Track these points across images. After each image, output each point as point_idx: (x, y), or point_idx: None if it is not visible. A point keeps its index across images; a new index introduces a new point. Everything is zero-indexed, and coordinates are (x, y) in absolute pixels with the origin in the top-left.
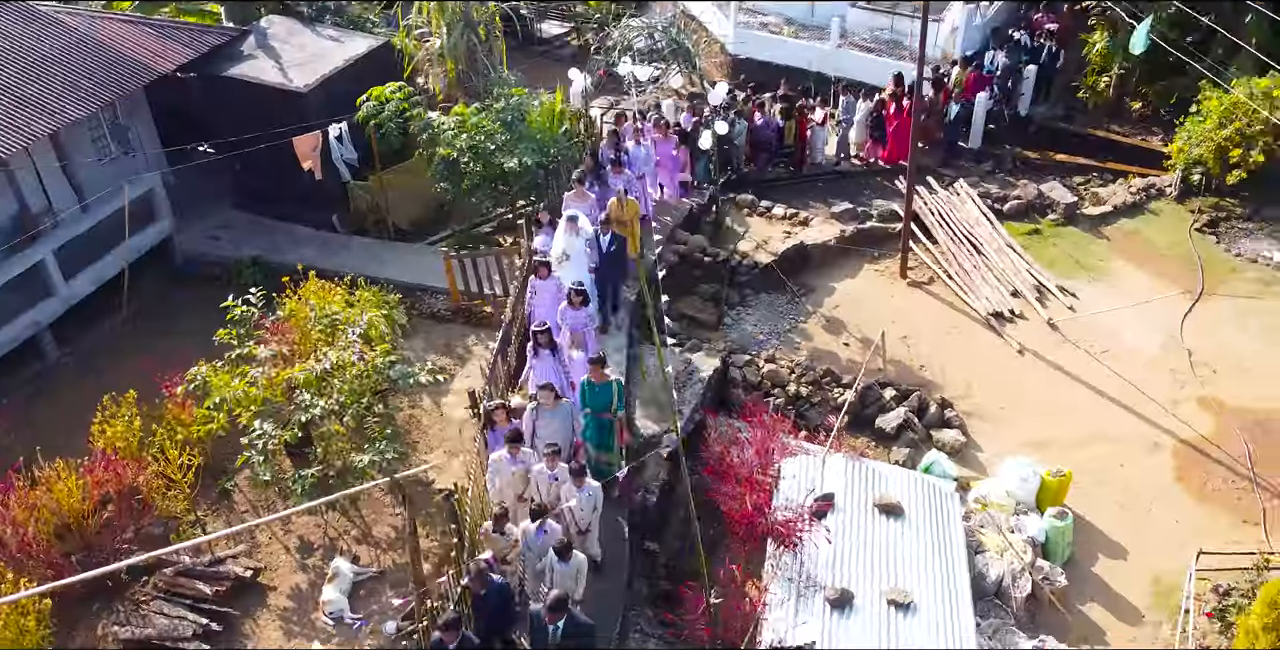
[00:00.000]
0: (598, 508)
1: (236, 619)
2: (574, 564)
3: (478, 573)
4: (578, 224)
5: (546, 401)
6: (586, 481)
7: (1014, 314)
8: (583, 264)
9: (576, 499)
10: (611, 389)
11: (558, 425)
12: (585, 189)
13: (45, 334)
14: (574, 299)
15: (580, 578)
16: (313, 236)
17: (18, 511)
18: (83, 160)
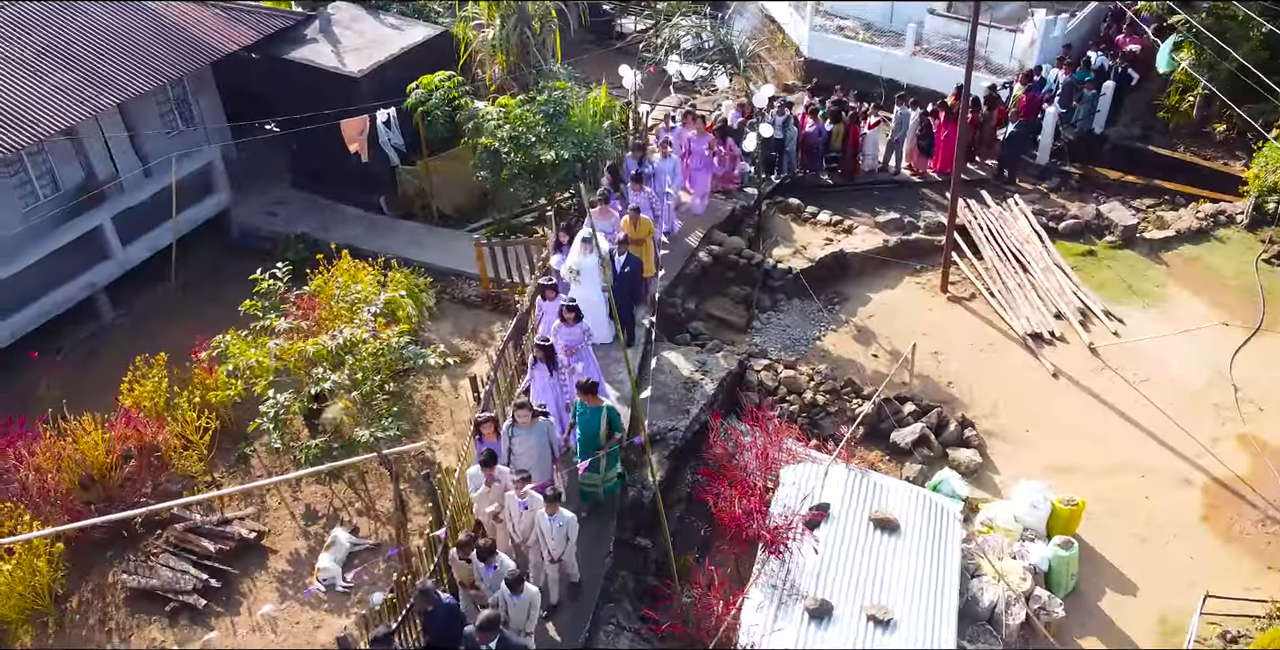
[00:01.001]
0: (570, 538)
1: (235, 578)
2: (526, 597)
3: (421, 592)
4: (592, 244)
5: (523, 420)
6: (559, 511)
7: (1054, 336)
8: (595, 282)
9: (548, 529)
10: (601, 414)
11: (533, 443)
12: (609, 207)
13: (101, 296)
14: (565, 316)
15: (533, 610)
16: (361, 217)
17: (42, 459)
18: (149, 132)
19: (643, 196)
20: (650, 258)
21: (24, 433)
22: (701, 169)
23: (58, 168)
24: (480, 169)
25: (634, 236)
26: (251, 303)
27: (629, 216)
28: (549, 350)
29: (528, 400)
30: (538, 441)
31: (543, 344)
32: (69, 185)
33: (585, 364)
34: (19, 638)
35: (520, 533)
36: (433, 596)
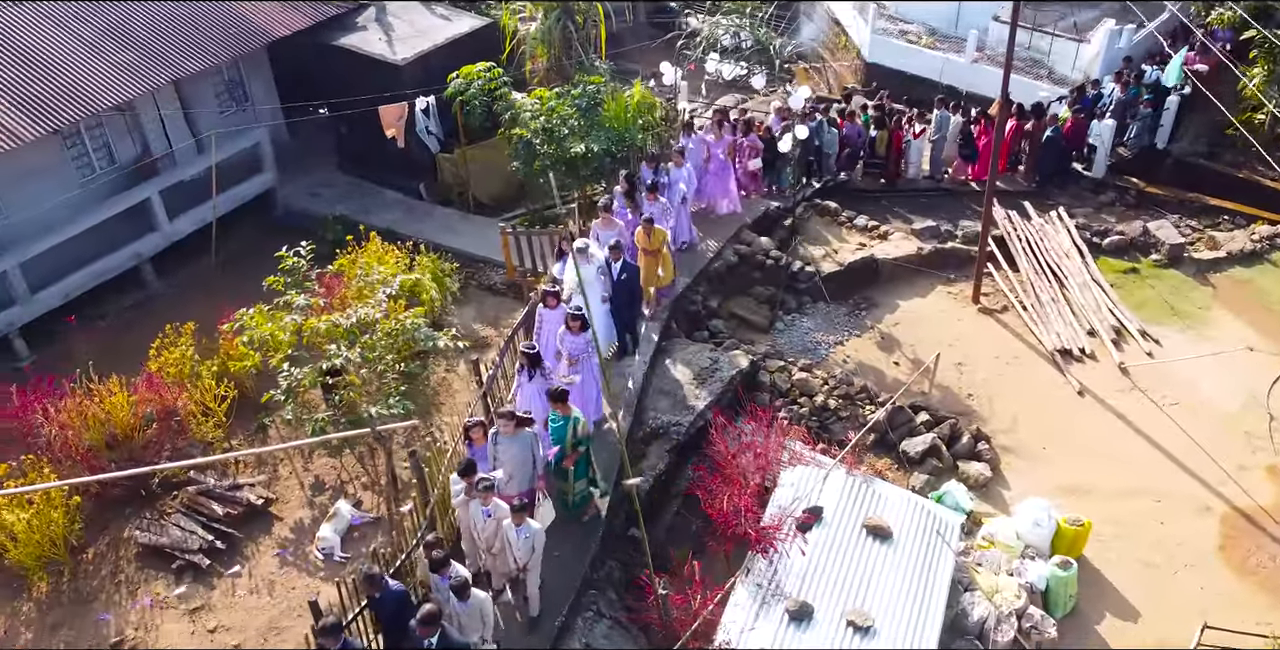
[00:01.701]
0: (535, 549)
1: (240, 541)
2: (474, 604)
3: (367, 577)
4: (588, 253)
5: (506, 429)
6: (526, 522)
7: (1084, 353)
8: (596, 292)
9: (514, 539)
10: (569, 423)
11: (515, 452)
12: (613, 216)
13: (147, 266)
14: (571, 324)
15: (485, 617)
16: (401, 202)
17: (67, 417)
18: (203, 111)
19: (657, 206)
20: (669, 267)
21: (52, 391)
22: (721, 172)
23: (114, 142)
24: (514, 159)
25: (648, 247)
26: (275, 278)
27: (642, 227)
28: (535, 357)
29: (511, 409)
30: (520, 451)
31: (528, 352)
32: (124, 159)
33: (583, 375)
34: (35, 584)
35: (485, 541)
36: (379, 582)
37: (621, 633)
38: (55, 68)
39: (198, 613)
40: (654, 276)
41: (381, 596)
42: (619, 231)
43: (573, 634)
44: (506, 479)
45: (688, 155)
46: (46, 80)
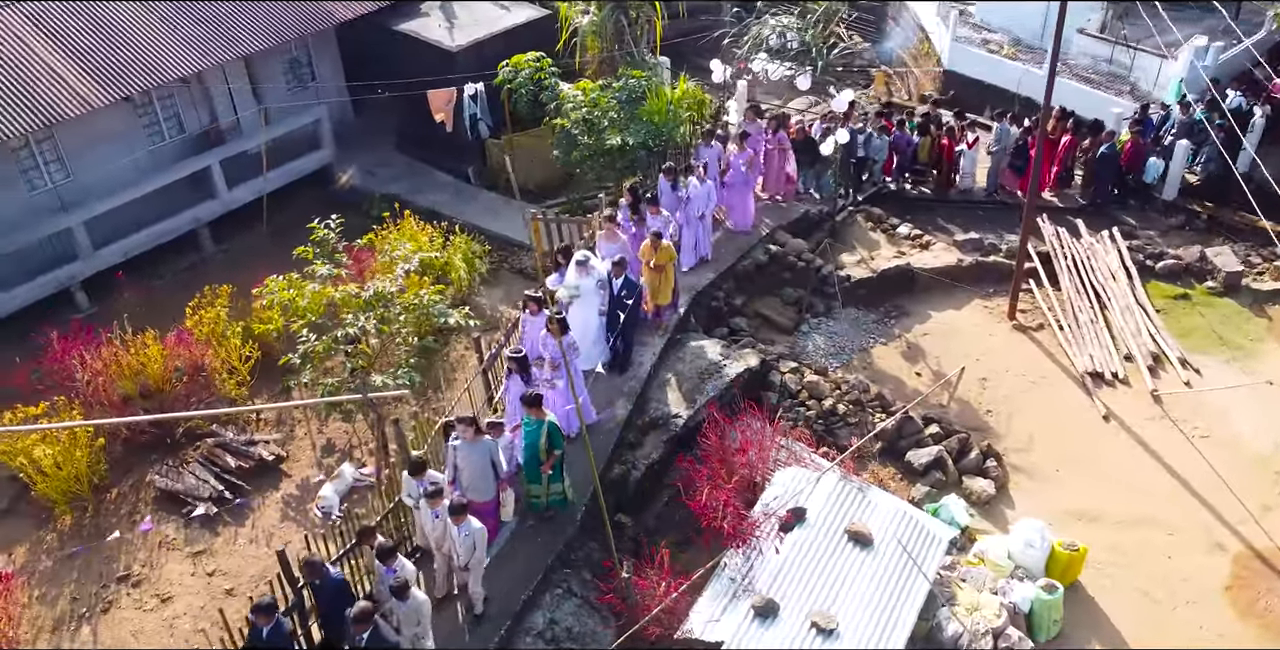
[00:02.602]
0: (477, 547)
1: (248, 493)
2: (411, 604)
3: (308, 563)
4: (588, 266)
5: (465, 435)
6: (465, 520)
7: (1116, 377)
8: (593, 304)
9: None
10: (542, 428)
11: (475, 460)
12: (616, 229)
13: (204, 230)
14: (550, 327)
15: (423, 618)
16: (449, 184)
17: (101, 365)
18: (271, 87)
19: (660, 220)
20: (669, 284)
21: (91, 340)
22: (738, 185)
23: (183, 112)
24: (555, 148)
25: (655, 262)
26: (304, 248)
27: (649, 241)
28: (522, 361)
29: (472, 415)
30: (479, 458)
31: (515, 356)
32: (193, 129)
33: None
34: (60, 517)
35: (434, 540)
36: (319, 570)
37: (589, 612)
38: (129, 39)
39: (199, 556)
40: (656, 293)
41: (321, 584)
42: (622, 245)
43: (539, 609)
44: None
45: (707, 168)
46: (120, 50)
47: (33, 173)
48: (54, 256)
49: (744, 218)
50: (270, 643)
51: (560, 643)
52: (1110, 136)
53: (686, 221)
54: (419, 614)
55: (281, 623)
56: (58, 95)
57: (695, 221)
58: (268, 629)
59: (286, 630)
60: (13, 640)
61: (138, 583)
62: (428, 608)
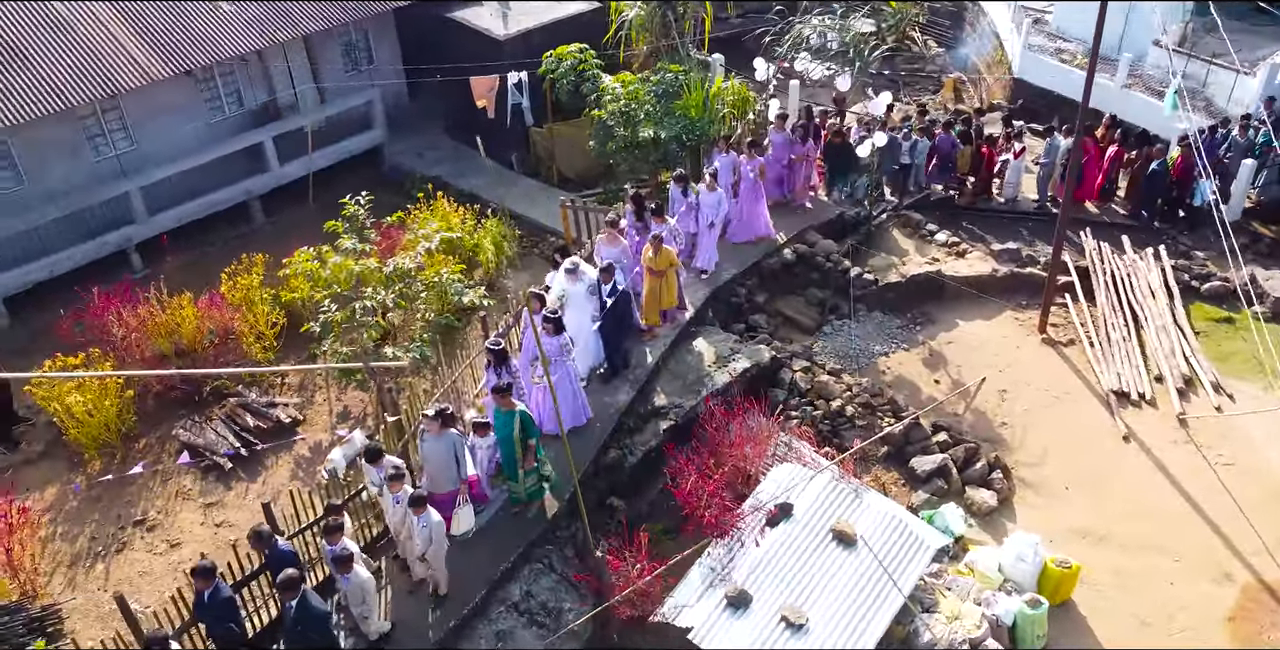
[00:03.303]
0: (434, 539)
1: (262, 452)
2: (354, 581)
3: (255, 533)
4: (578, 273)
5: (430, 428)
6: (425, 512)
7: (1143, 398)
8: (585, 310)
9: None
10: (514, 418)
11: (440, 452)
12: (617, 233)
13: (255, 202)
14: (545, 326)
15: (367, 595)
16: (493, 170)
17: (136, 322)
18: (329, 68)
19: (664, 228)
20: (673, 290)
21: (129, 298)
22: (751, 196)
23: (244, 89)
24: (591, 139)
25: (655, 267)
26: (334, 222)
27: (650, 245)
28: (500, 354)
29: (441, 408)
30: (443, 452)
31: (493, 348)
32: (251, 105)
33: (560, 379)
34: (89, 462)
35: (394, 526)
36: (265, 539)
37: (567, 589)
38: (192, 16)
39: (211, 507)
40: (658, 298)
41: (269, 554)
42: (622, 250)
43: (517, 581)
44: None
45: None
46: (182, 27)
47: (99, 140)
48: (113, 219)
49: (753, 229)
50: (209, 606)
51: (534, 615)
52: (1161, 153)
53: (696, 229)
54: (363, 590)
55: (220, 587)
56: (122, 67)
57: (705, 230)
58: (207, 592)
59: (224, 595)
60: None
61: (152, 527)
62: (372, 585)
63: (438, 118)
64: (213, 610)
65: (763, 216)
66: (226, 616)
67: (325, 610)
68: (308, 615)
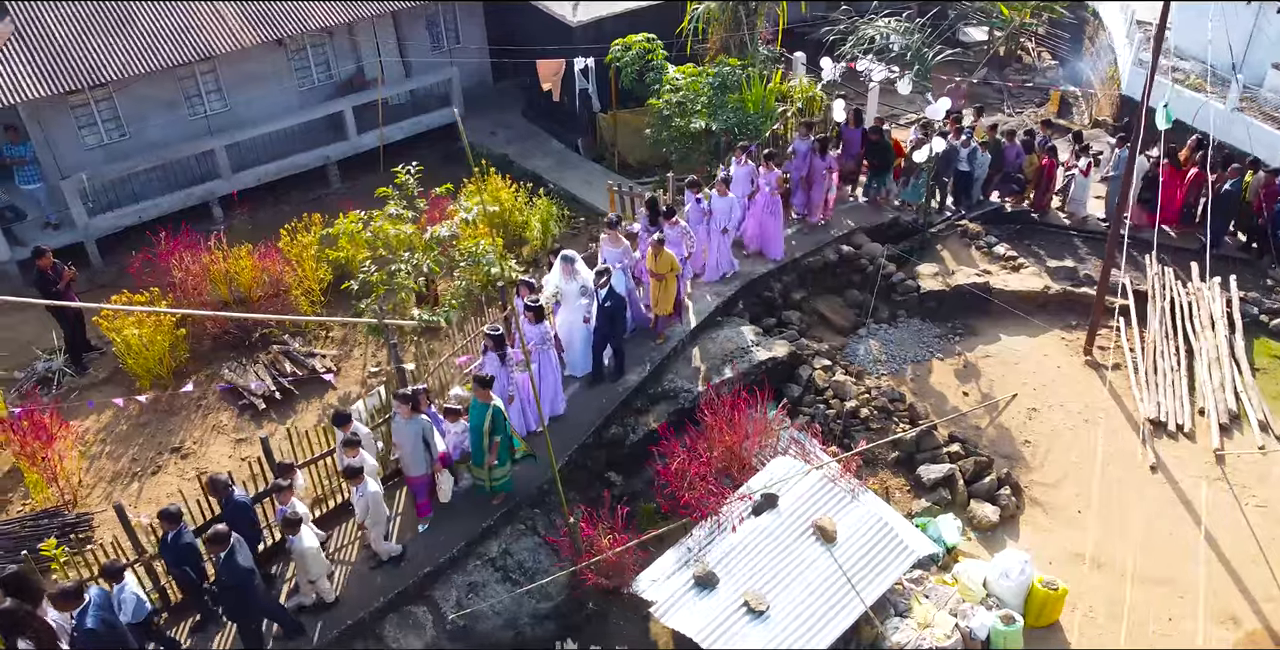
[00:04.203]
0: (370, 509)
1: (296, 397)
2: (298, 543)
3: (211, 480)
4: (574, 267)
5: (401, 412)
6: (361, 482)
7: (1180, 429)
8: (577, 310)
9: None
10: (486, 411)
11: (409, 436)
12: (618, 234)
13: (332, 167)
14: (527, 314)
15: (307, 558)
16: (559, 152)
17: (196, 267)
18: (414, 45)
19: (675, 230)
20: (671, 295)
21: (192, 244)
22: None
23: (332, 60)
24: (649, 127)
25: (655, 270)
26: (385, 189)
27: (651, 247)
28: (498, 339)
29: (408, 392)
30: (412, 435)
31: (492, 334)
32: (339, 76)
33: (541, 368)
34: (142, 391)
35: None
36: (222, 489)
37: (547, 553)
38: None
39: (240, 443)
40: (656, 302)
41: (225, 503)
42: (624, 251)
43: (497, 539)
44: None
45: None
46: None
47: (195, 99)
48: (199, 174)
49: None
50: (171, 548)
51: (509, 572)
52: (1237, 173)
53: (708, 236)
54: (303, 554)
55: (183, 531)
56: (216, 32)
57: (718, 236)
58: (171, 534)
59: (185, 540)
60: (72, 482)
61: (186, 455)
62: (314, 550)
63: (516, 100)
64: (174, 551)
65: (778, 236)
66: (185, 559)
67: (248, 567)
68: (231, 569)
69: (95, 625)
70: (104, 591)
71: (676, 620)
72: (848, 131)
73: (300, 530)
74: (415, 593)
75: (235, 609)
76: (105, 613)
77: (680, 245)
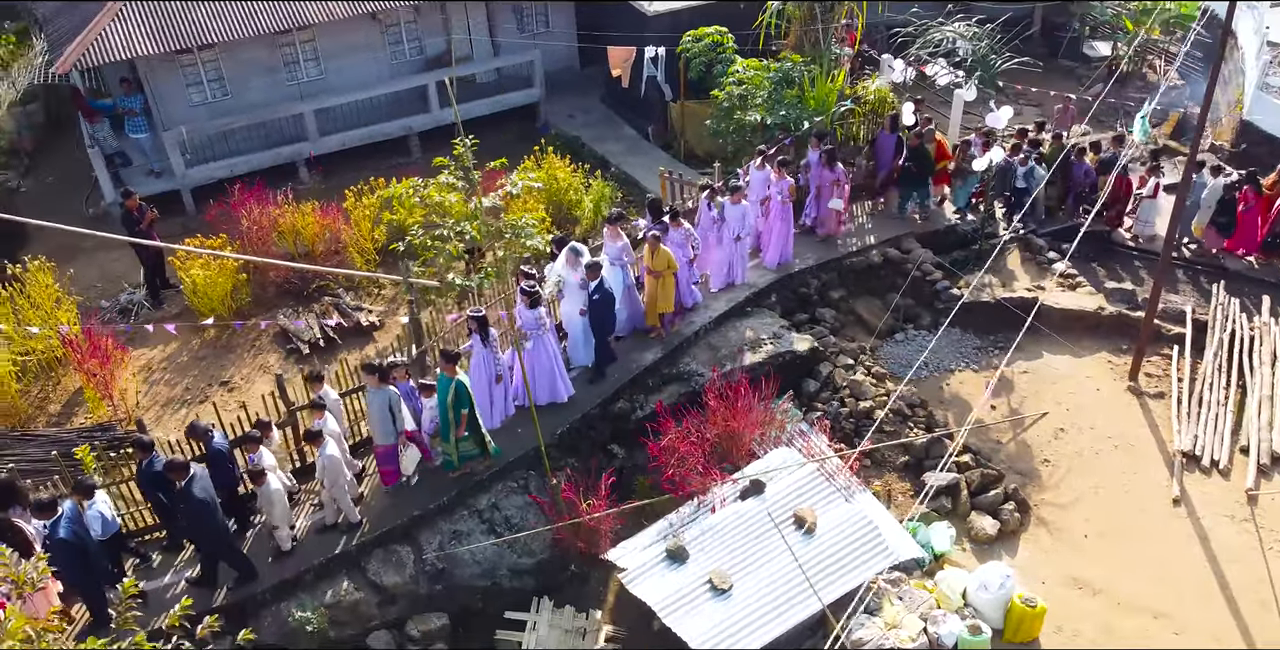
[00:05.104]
0: (328, 469)
1: (339, 346)
2: (264, 491)
3: (191, 426)
4: (579, 260)
5: (370, 382)
6: (321, 445)
7: (1215, 465)
8: (576, 301)
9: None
10: (450, 385)
11: (376, 406)
12: (619, 230)
13: (414, 137)
14: (523, 298)
15: (273, 506)
16: (630, 138)
17: (264, 219)
18: (503, 26)
19: (680, 233)
20: (669, 293)
21: (263, 197)
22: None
23: (424, 37)
24: (710, 118)
25: (652, 267)
26: (442, 158)
27: (649, 245)
28: (481, 321)
29: (376, 362)
30: (379, 406)
31: (475, 316)
32: (430, 51)
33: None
34: (204, 329)
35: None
36: (202, 434)
37: (536, 513)
38: None
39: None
40: (656, 299)
41: (206, 447)
42: (623, 247)
43: (488, 493)
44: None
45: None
46: None
47: (294, 66)
48: (290, 135)
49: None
50: (145, 474)
51: (495, 526)
52: None
53: (720, 242)
54: (269, 501)
55: (154, 461)
56: (315, 3)
57: (730, 243)
58: (145, 462)
59: (155, 469)
60: (129, 402)
61: (232, 389)
62: (279, 498)
63: (600, 85)
64: (146, 477)
65: (779, 244)
66: (155, 486)
67: (203, 498)
68: (186, 497)
69: (66, 535)
70: (75, 506)
71: (641, 589)
72: (883, 137)
73: (265, 478)
74: (402, 533)
75: (194, 538)
76: (76, 525)
77: (685, 248)
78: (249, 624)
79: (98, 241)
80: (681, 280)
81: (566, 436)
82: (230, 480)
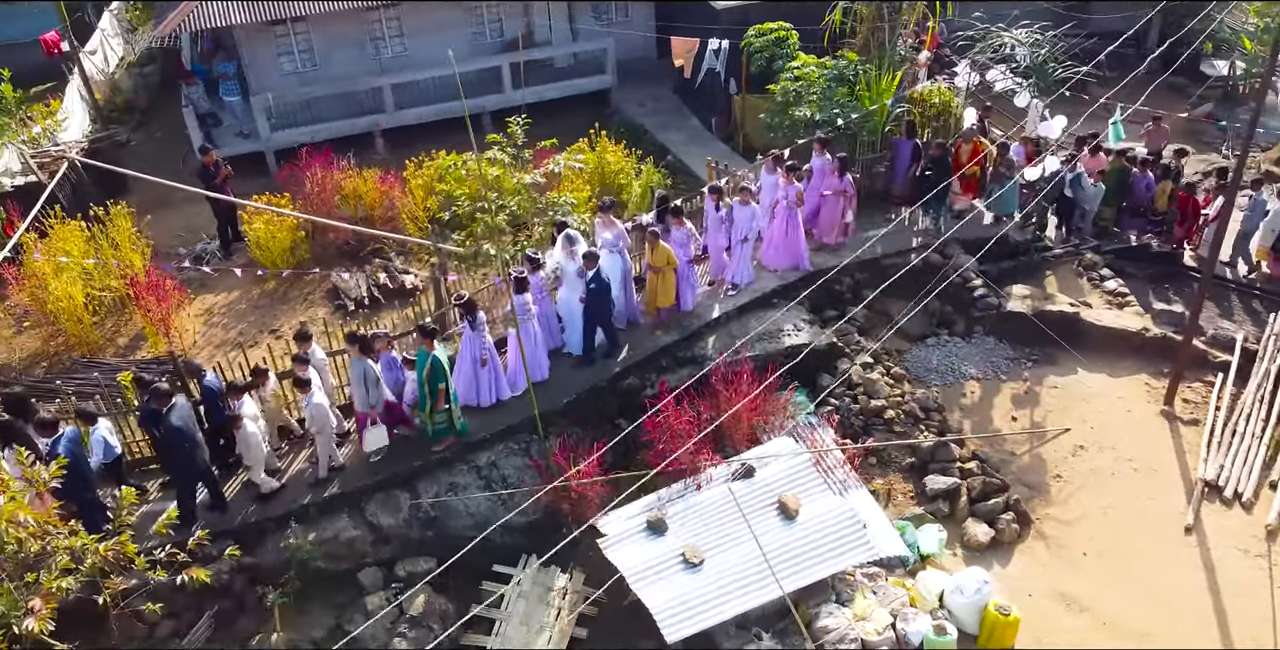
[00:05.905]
0: (315, 418)
1: (383, 306)
2: (241, 434)
3: (184, 364)
4: (574, 249)
5: (351, 351)
6: (308, 394)
7: (1237, 497)
8: (575, 289)
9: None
10: (426, 359)
11: (354, 375)
12: (612, 218)
13: (486, 116)
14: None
15: (250, 448)
16: (694, 128)
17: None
18: (583, 15)
19: (682, 231)
20: (669, 287)
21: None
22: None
23: (505, 20)
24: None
25: (652, 263)
26: (494, 135)
27: (648, 241)
28: (469, 304)
29: (355, 333)
30: (357, 375)
31: (459, 302)
32: (510, 35)
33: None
34: (266, 279)
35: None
36: (196, 371)
37: (533, 475)
38: None
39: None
40: (655, 294)
41: (199, 383)
42: (618, 234)
43: (489, 451)
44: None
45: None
46: None
47: (379, 41)
48: (368, 107)
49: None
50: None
51: (492, 482)
52: None
53: (728, 244)
54: (246, 444)
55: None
56: None
57: (737, 244)
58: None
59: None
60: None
61: (279, 338)
62: (256, 442)
63: (674, 76)
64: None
65: (799, 246)
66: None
67: (179, 426)
68: (164, 424)
69: (64, 453)
70: (77, 429)
71: (617, 555)
72: (900, 144)
73: (242, 423)
74: (403, 480)
75: (170, 467)
76: (75, 446)
77: (687, 246)
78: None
79: (187, 194)
80: (681, 279)
81: (573, 407)
82: (220, 418)
